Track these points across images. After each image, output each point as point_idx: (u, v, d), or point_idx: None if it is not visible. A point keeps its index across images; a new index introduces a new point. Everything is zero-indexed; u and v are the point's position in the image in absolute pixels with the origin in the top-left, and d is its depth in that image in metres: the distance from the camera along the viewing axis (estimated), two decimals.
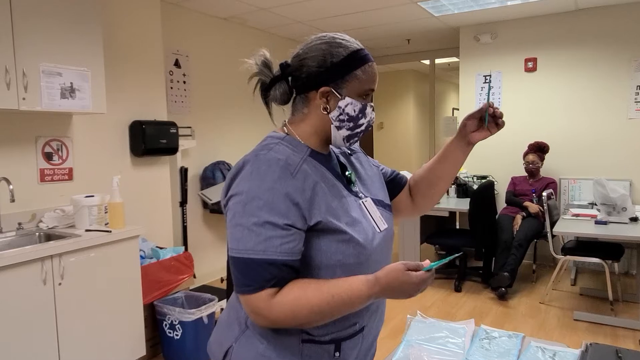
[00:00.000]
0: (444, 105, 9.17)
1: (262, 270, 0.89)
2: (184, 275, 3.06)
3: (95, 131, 3.07)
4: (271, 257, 0.89)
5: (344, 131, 1.02)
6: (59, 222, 2.68)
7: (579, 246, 3.77)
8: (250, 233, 0.90)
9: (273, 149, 0.97)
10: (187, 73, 4.22)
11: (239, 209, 0.91)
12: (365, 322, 1.04)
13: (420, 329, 1.49)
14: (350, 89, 1.00)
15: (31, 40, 2.37)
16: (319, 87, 1.00)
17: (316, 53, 1.00)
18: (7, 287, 2.06)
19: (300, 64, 1.01)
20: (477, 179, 4.87)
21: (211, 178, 4.26)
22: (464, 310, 3.69)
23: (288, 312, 0.89)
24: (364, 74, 1.00)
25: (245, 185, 0.92)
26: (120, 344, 2.59)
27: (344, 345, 1.01)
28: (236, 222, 0.92)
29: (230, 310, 1.08)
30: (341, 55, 0.99)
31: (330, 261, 0.96)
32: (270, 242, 0.89)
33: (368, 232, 1.01)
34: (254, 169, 0.93)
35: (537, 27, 4.76)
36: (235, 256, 0.91)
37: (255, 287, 0.90)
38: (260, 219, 0.90)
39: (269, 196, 0.90)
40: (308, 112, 1.03)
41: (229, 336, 1.04)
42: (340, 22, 4.74)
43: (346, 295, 0.90)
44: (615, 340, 3.09)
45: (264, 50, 1.05)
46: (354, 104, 1.00)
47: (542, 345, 1.34)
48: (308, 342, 0.98)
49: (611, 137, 4.51)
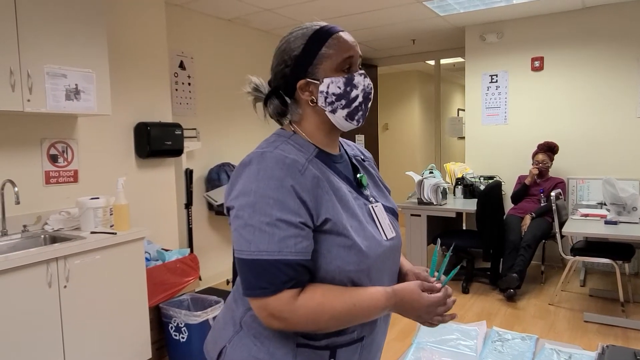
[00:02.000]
0: (449, 106, 9.12)
1: (278, 271, 0.86)
2: (189, 277, 3.04)
3: (100, 133, 3.06)
4: (287, 258, 0.86)
5: (340, 112, 0.99)
6: (64, 225, 2.67)
7: (589, 247, 3.72)
8: (262, 233, 0.86)
9: (279, 147, 0.95)
10: (192, 75, 4.21)
11: (248, 209, 0.88)
12: (365, 333, 1.00)
13: (430, 331, 1.46)
14: (324, 70, 0.98)
15: (36, 41, 2.36)
16: (296, 84, 0.99)
17: (280, 55, 1.01)
18: (12, 289, 2.04)
19: (274, 74, 1.04)
20: (484, 180, 4.83)
21: (216, 180, 4.24)
22: (472, 312, 3.65)
23: (310, 317, 0.87)
24: (330, 49, 0.97)
25: (252, 185, 0.89)
26: (126, 346, 2.57)
27: (339, 353, 0.97)
28: (245, 222, 0.88)
29: (227, 311, 1.06)
30: (300, 45, 0.98)
31: (330, 266, 0.92)
32: (284, 242, 0.86)
33: (372, 240, 0.97)
34: (260, 167, 0.90)
35: (544, 26, 4.72)
36: (247, 258, 0.87)
37: (273, 289, 0.86)
38: (273, 218, 0.86)
39: (278, 194, 0.87)
40: (302, 111, 1.02)
41: (223, 336, 1.02)
42: (344, 23, 4.73)
43: (366, 305, 0.90)
44: (626, 342, 3.04)
45: (252, 77, 1.07)
46: (335, 80, 0.97)
47: (557, 347, 1.31)
48: (303, 346, 0.95)
49: (620, 136, 4.46)
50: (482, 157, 5.10)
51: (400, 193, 8.56)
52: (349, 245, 0.92)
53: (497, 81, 4.99)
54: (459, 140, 8.88)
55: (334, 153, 1.05)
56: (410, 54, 6.50)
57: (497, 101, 5.01)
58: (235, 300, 1.04)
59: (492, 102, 5.04)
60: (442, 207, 4.30)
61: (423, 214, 4.34)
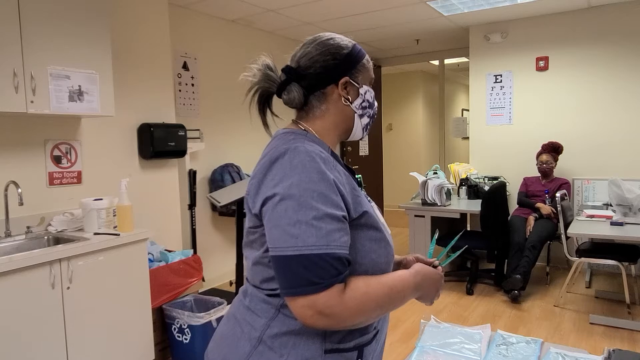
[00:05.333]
0: (453, 106, 9.09)
1: (329, 265, 0.83)
2: (192, 278, 3.04)
3: (104, 134, 3.06)
4: (335, 251, 0.84)
5: (365, 119, 1.07)
6: (68, 226, 2.67)
7: (594, 248, 3.69)
8: (309, 228, 0.83)
9: (305, 142, 0.93)
10: (195, 75, 4.21)
11: (291, 202, 0.85)
12: (380, 326, 1.03)
13: (434, 334, 1.45)
14: (363, 77, 1.06)
15: (39, 43, 2.36)
16: (338, 80, 1.02)
17: (327, 48, 1.03)
18: (15, 291, 2.05)
19: (312, 62, 1.01)
20: (489, 180, 4.81)
21: (220, 180, 4.24)
22: (476, 313, 3.63)
23: (360, 307, 0.86)
24: (368, 63, 1.07)
25: (293, 177, 0.86)
26: (129, 348, 2.57)
27: (365, 351, 0.99)
28: (290, 218, 0.84)
29: (235, 326, 0.99)
30: (349, 47, 1.04)
31: (364, 259, 0.93)
32: (331, 236, 0.84)
33: (388, 234, 1.03)
34: (297, 161, 0.87)
35: (549, 26, 4.69)
36: (294, 254, 0.83)
37: (325, 284, 0.83)
38: (320, 212, 0.84)
39: (322, 187, 0.86)
40: (326, 107, 1.03)
41: (237, 354, 0.95)
42: (348, 23, 4.71)
43: (401, 287, 0.93)
44: (633, 345, 3.02)
45: (265, 57, 1.04)
46: (370, 91, 1.07)
47: (563, 351, 1.29)
48: (331, 351, 0.93)
49: (626, 136, 4.42)
50: (487, 158, 5.08)
51: (404, 194, 8.56)
52: (380, 239, 0.96)
53: (501, 81, 4.97)
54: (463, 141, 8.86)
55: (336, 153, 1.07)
56: (414, 54, 6.47)
57: (501, 101, 4.99)
58: (252, 313, 0.97)
59: (497, 102, 5.01)
60: (446, 208, 4.28)
61: (427, 214, 4.32)
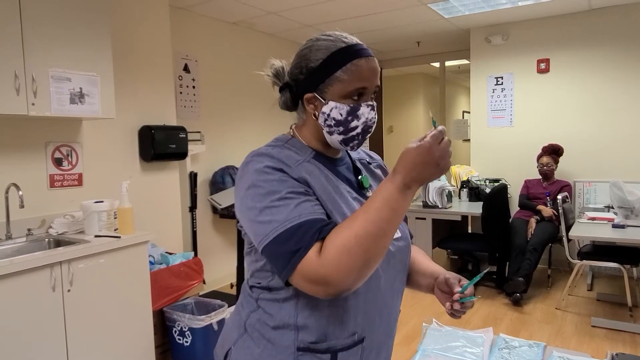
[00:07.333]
0: (454, 109, 9.09)
1: (305, 231, 0.84)
2: (193, 281, 3.04)
3: (105, 136, 3.06)
4: (308, 218, 0.86)
5: (336, 136, 0.98)
6: (69, 228, 2.66)
7: (596, 250, 3.68)
8: (277, 209, 0.87)
9: (275, 149, 0.97)
10: (196, 78, 4.21)
11: (256, 197, 0.89)
12: (366, 333, 0.98)
13: (436, 337, 1.44)
14: (333, 92, 0.95)
15: (40, 45, 2.36)
16: (304, 94, 0.99)
17: (299, 60, 1.00)
18: (16, 293, 2.04)
19: (290, 73, 1.03)
20: (490, 183, 4.80)
21: (221, 183, 4.24)
22: (477, 316, 3.62)
23: (343, 254, 0.81)
24: (345, 74, 0.93)
25: (253, 178, 0.91)
26: (130, 350, 2.56)
27: (341, 356, 0.95)
28: (258, 209, 0.88)
29: (234, 314, 1.08)
30: (319, 59, 0.95)
31: None
32: (301, 207, 0.87)
33: None
34: (258, 163, 0.92)
35: (550, 28, 4.69)
36: (274, 236, 0.85)
37: (304, 247, 0.83)
38: (282, 193, 0.88)
39: (280, 175, 0.90)
40: (305, 117, 1.04)
41: (229, 339, 1.04)
42: (349, 25, 4.71)
43: (378, 202, 0.84)
44: (635, 348, 3.00)
45: (274, 60, 1.05)
46: (339, 107, 0.95)
47: (565, 355, 1.29)
48: (303, 350, 0.94)
49: (627, 139, 4.42)
50: (488, 160, 5.07)
51: None
52: None
53: (502, 83, 4.96)
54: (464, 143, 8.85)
55: (334, 156, 1.05)
56: (415, 56, 6.48)
57: (502, 103, 4.98)
58: (241, 304, 1.06)
59: (498, 104, 5.01)
60: (447, 210, 4.28)
61: (428, 217, 4.31)
